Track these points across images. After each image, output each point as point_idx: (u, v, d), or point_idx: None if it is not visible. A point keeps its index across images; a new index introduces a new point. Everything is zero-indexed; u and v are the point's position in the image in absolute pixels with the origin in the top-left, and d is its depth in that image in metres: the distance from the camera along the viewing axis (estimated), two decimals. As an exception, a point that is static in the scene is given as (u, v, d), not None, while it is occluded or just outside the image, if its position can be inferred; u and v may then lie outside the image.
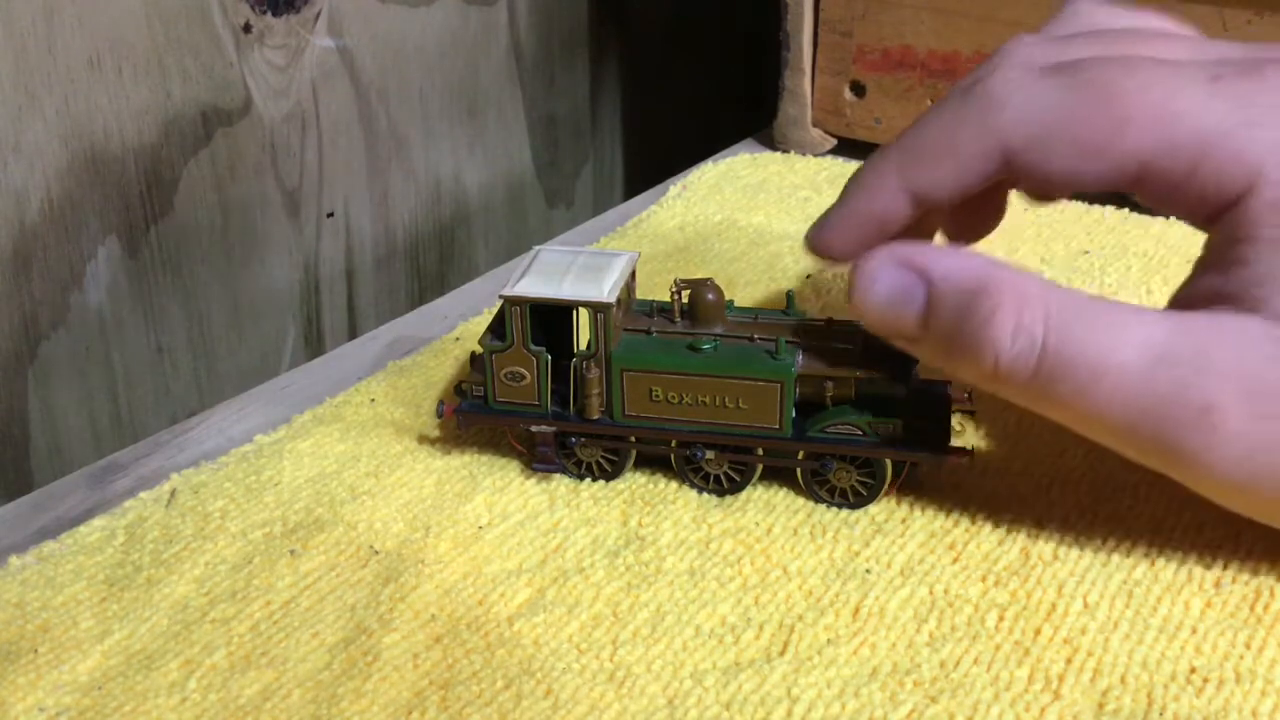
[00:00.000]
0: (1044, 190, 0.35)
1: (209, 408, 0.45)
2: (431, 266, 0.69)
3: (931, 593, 0.34)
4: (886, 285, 0.33)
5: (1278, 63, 0.32)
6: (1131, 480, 0.38)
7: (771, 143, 0.68)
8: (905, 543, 0.36)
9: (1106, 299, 0.32)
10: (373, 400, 0.44)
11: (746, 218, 0.59)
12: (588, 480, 0.39)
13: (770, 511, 0.38)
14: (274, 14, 0.55)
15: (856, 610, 0.34)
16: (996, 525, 0.37)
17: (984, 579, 0.35)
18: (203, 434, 0.43)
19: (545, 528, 0.37)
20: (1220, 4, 0.55)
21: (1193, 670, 0.31)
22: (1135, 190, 0.33)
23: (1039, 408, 0.32)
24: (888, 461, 0.37)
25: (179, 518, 0.38)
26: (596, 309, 0.37)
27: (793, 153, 0.67)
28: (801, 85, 0.66)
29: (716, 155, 0.67)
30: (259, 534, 0.37)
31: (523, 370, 0.38)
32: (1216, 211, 0.32)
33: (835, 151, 0.67)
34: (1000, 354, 0.31)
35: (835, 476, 0.37)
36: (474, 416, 0.39)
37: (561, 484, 0.39)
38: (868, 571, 0.35)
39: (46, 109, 0.48)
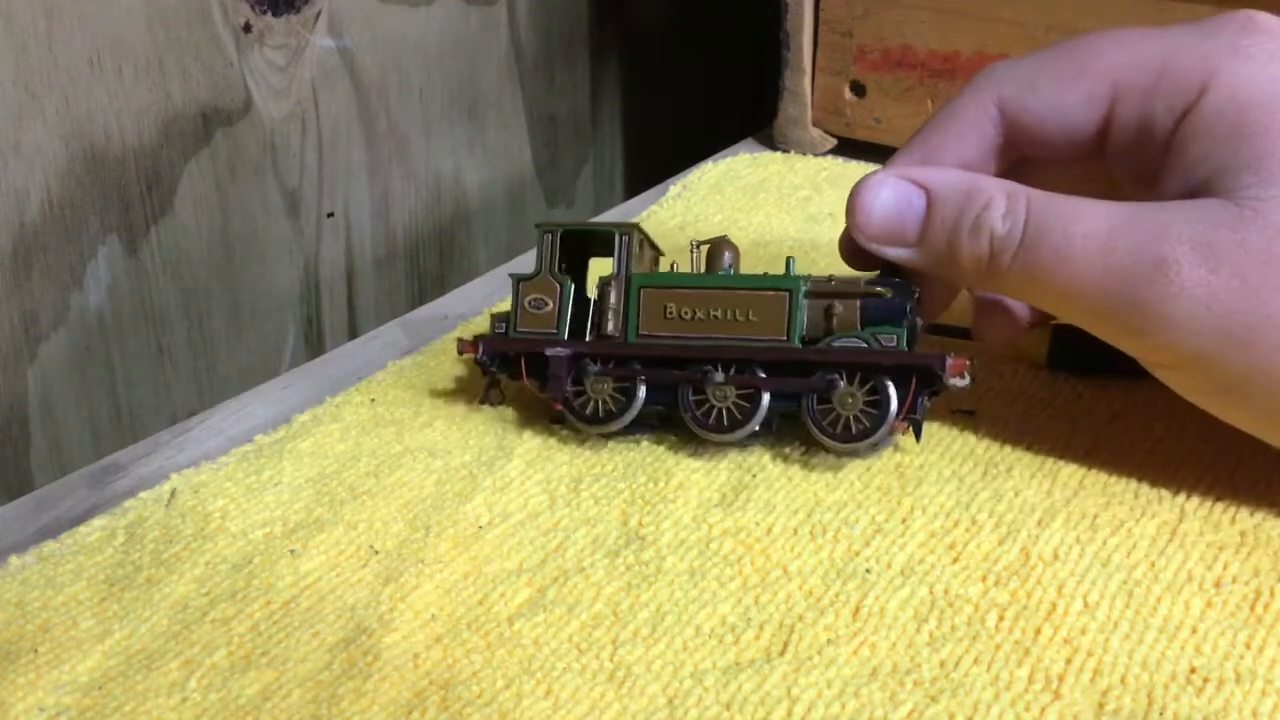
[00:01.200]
0: (1040, 143, 0.38)
1: (209, 408, 0.45)
2: (431, 266, 0.69)
3: (931, 593, 0.34)
4: (889, 194, 0.37)
5: (1220, 16, 0.36)
6: (1132, 480, 0.38)
7: (771, 143, 0.68)
8: (905, 543, 0.36)
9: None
10: (373, 400, 0.44)
11: (746, 218, 0.59)
12: (589, 480, 0.39)
13: (770, 511, 0.38)
14: (274, 14, 0.55)
15: (856, 610, 0.34)
16: (996, 525, 0.37)
17: (984, 579, 0.35)
18: (203, 434, 0.43)
19: (545, 527, 0.37)
20: (1220, 4, 0.54)
21: (1193, 670, 0.31)
22: (1114, 118, 0.37)
23: (1023, 289, 0.36)
24: (890, 386, 0.38)
25: (179, 518, 0.38)
26: (623, 231, 0.40)
27: (793, 153, 0.67)
28: (801, 85, 0.66)
29: (716, 155, 0.67)
30: (259, 534, 0.37)
31: (546, 297, 0.40)
32: (1179, 118, 0.35)
33: (835, 151, 0.67)
34: (995, 233, 0.35)
35: (840, 402, 0.38)
36: (495, 344, 0.41)
37: (561, 484, 0.39)
38: (868, 571, 0.35)
39: (46, 109, 0.48)
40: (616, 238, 0.40)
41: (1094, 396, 0.42)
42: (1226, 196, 0.33)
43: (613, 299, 0.40)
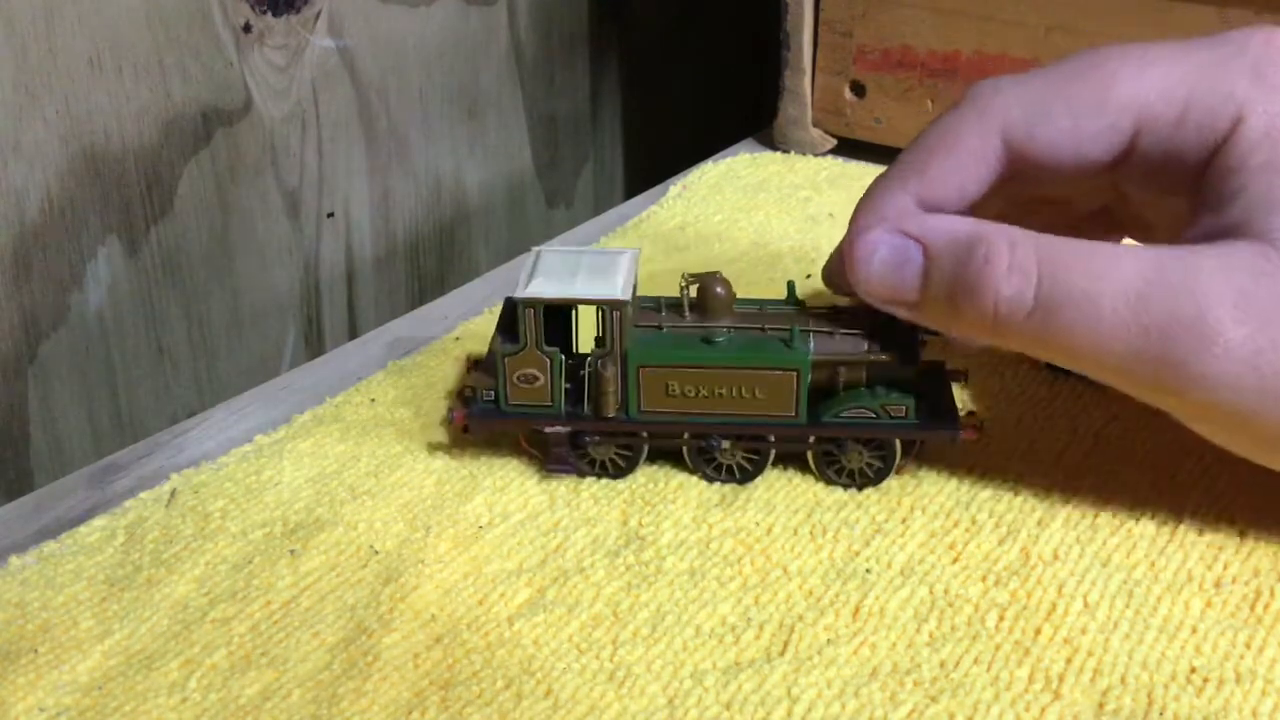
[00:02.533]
0: (1049, 171, 0.35)
1: (209, 408, 0.45)
2: (431, 266, 0.69)
3: (931, 593, 0.34)
4: (886, 252, 0.34)
5: (1236, 32, 0.34)
6: (1132, 481, 0.38)
7: (771, 143, 0.68)
8: (905, 543, 0.36)
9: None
10: (373, 400, 0.44)
11: (746, 218, 0.59)
12: (589, 480, 0.39)
13: (770, 511, 0.38)
14: (274, 14, 0.55)
15: (856, 610, 0.34)
16: (996, 525, 0.37)
17: (984, 579, 0.35)
18: (203, 434, 0.43)
19: (545, 528, 0.37)
20: (1221, 4, 0.55)
21: (1193, 670, 0.31)
22: (1135, 150, 0.34)
23: (1042, 348, 0.33)
24: (898, 441, 0.38)
25: (179, 518, 0.38)
26: (613, 307, 0.37)
27: (793, 153, 0.67)
28: (801, 85, 0.66)
29: (716, 155, 0.67)
30: (259, 534, 0.37)
31: (536, 372, 0.38)
32: (1209, 152, 0.33)
33: (835, 151, 0.67)
34: (999, 292, 0.32)
35: (847, 458, 0.38)
36: (486, 422, 0.39)
37: (562, 484, 0.39)
38: (868, 571, 0.35)
39: (46, 109, 0.48)
40: (606, 314, 0.37)
41: (1094, 397, 0.42)
42: (1264, 239, 0.31)
43: (610, 383, 0.37)
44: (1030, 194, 0.38)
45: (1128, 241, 0.40)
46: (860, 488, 0.38)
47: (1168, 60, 0.34)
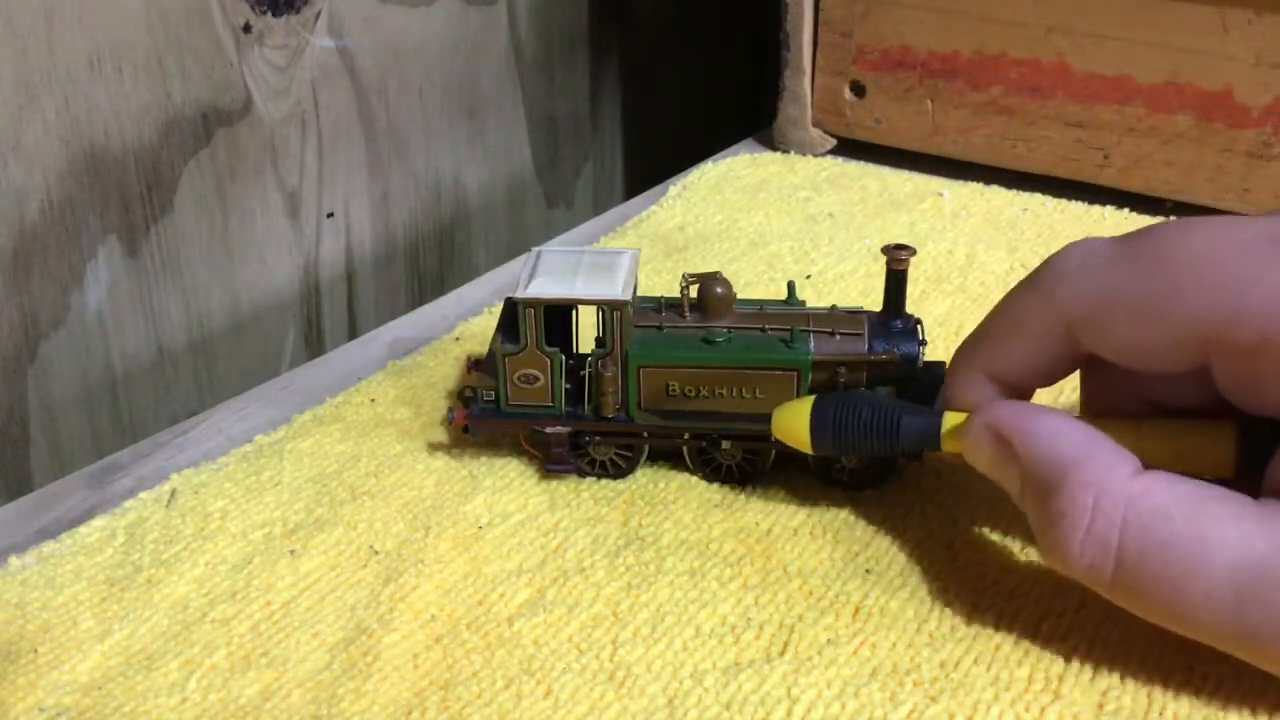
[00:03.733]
0: (1118, 363, 0.32)
1: (209, 408, 0.45)
2: (431, 266, 0.69)
3: (931, 593, 0.34)
4: (987, 451, 0.32)
5: None
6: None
7: (771, 143, 0.68)
8: (905, 543, 0.36)
9: (1200, 487, 0.29)
10: (373, 400, 0.44)
11: (746, 218, 0.59)
12: (589, 480, 0.39)
13: (770, 512, 0.38)
14: (274, 14, 0.55)
15: (856, 610, 0.34)
16: (996, 525, 0.37)
17: (984, 578, 0.35)
18: (203, 434, 0.43)
19: (545, 528, 0.37)
20: (1220, 4, 0.55)
21: (1192, 670, 0.31)
22: (1213, 370, 0.30)
23: (1132, 610, 0.30)
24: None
25: (179, 518, 0.38)
26: (613, 307, 0.37)
27: (793, 153, 0.67)
28: (801, 85, 0.66)
29: (716, 155, 0.67)
30: (259, 534, 0.37)
31: (536, 372, 0.38)
32: None
33: (835, 151, 0.67)
34: (1070, 559, 0.29)
35: (847, 459, 0.38)
36: (487, 422, 0.39)
37: (562, 484, 0.39)
38: (868, 571, 0.35)
39: (46, 109, 0.48)
40: (607, 314, 0.37)
41: (1094, 396, 0.42)
42: None
43: (611, 383, 0.37)
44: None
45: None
46: (860, 488, 0.38)
47: (1246, 275, 0.28)
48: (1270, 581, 0.27)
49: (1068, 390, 0.43)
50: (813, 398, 0.35)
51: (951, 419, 0.34)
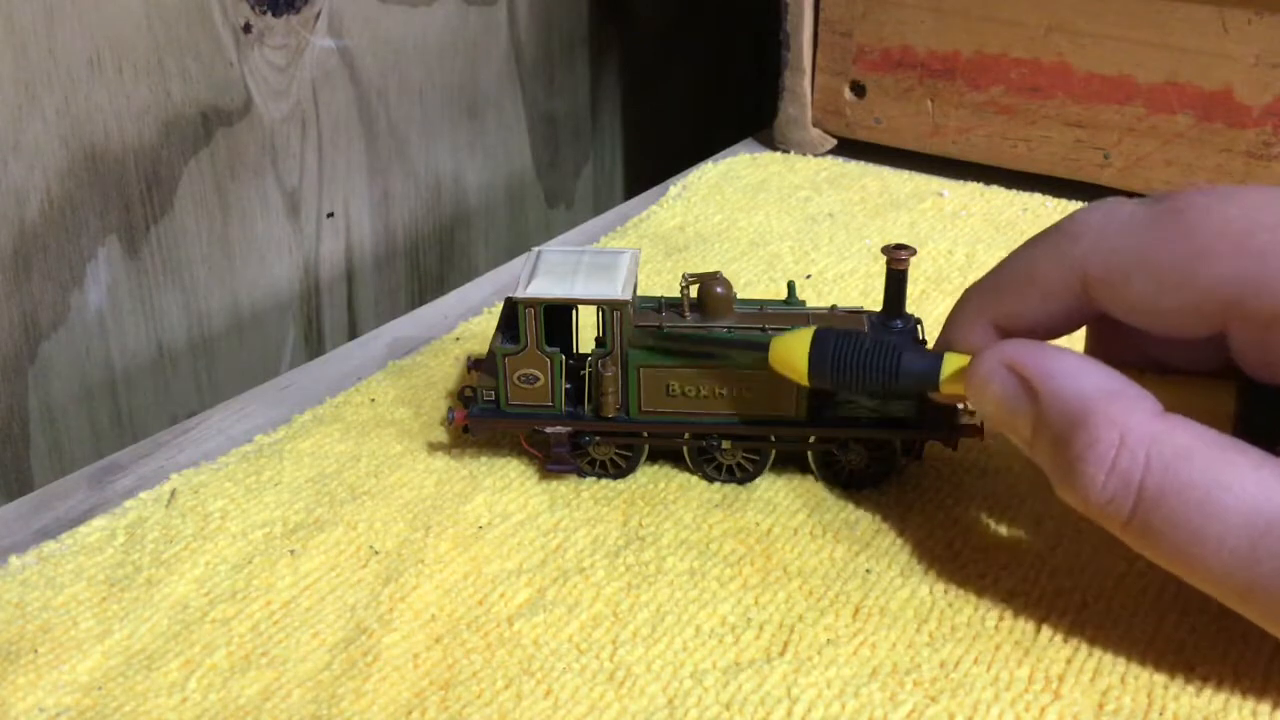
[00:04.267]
0: (1132, 323, 0.31)
1: (209, 408, 0.45)
2: (431, 266, 0.69)
3: (931, 593, 0.34)
4: (998, 389, 0.31)
5: None
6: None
7: (771, 143, 0.68)
8: (905, 543, 0.36)
9: (1222, 435, 0.29)
10: (373, 400, 0.44)
11: (746, 218, 0.59)
12: (590, 480, 0.39)
13: (771, 512, 0.38)
14: (274, 14, 0.55)
15: (856, 610, 0.34)
16: (996, 525, 0.37)
17: (984, 578, 0.35)
18: (203, 434, 0.43)
19: (545, 528, 0.37)
20: (1220, 4, 0.55)
21: (1193, 670, 0.31)
22: (1229, 337, 0.30)
23: (1147, 553, 0.30)
24: (898, 442, 0.38)
25: (179, 518, 0.38)
26: (613, 307, 0.37)
27: (793, 153, 0.67)
28: (801, 85, 0.66)
29: (716, 155, 0.67)
30: (259, 534, 0.37)
31: (536, 372, 0.38)
32: None
33: (835, 151, 0.67)
34: (1091, 494, 0.29)
35: (848, 458, 0.38)
36: (487, 422, 0.39)
37: (562, 484, 0.39)
38: (868, 571, 0.35)
39: (46, 109, 0.48)
40: (607, 314, 0.37)
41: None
42: None
43: (611, 383, 0.37)
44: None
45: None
46: (860, 488, 0.38)
47: (1270, 236, 0.28)
48: None
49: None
50: (813, 328, 0.35)
51: (953, 360, 0.33)
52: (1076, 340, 0.34)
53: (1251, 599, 0.28)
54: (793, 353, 0.35)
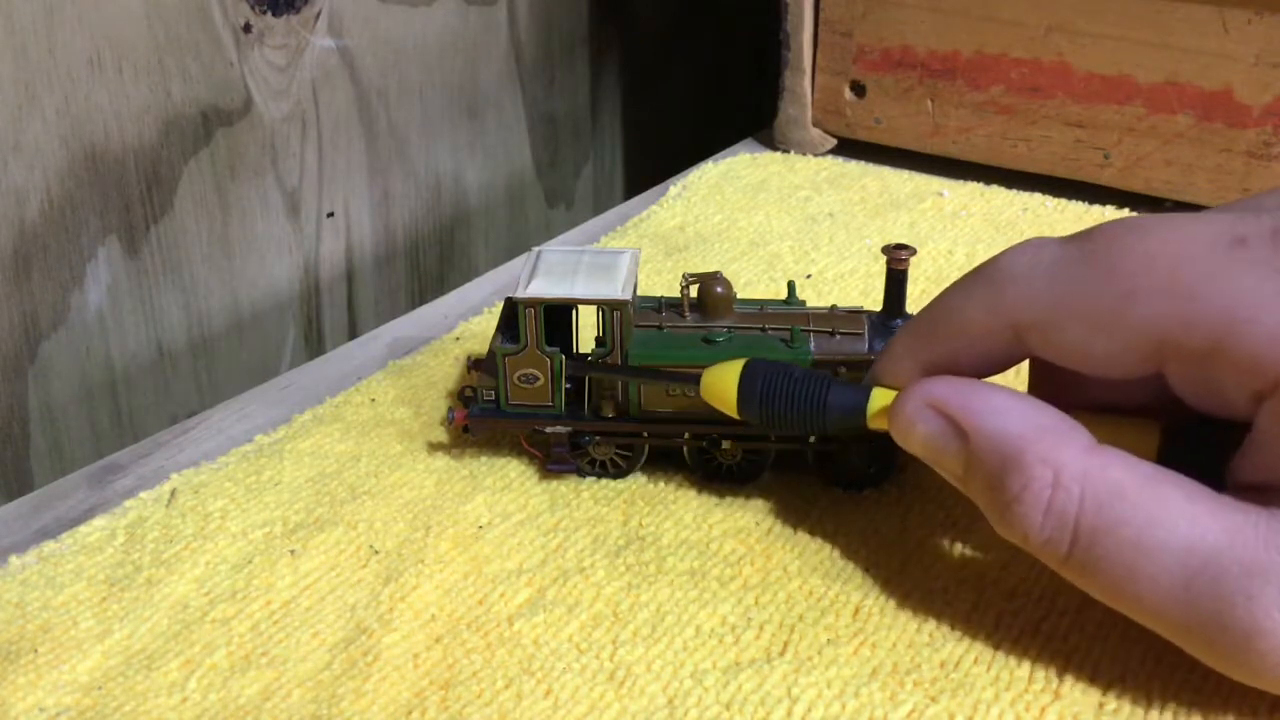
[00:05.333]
0: (1066, 365, 0.31)
1: (209, 408, 0.45)
2: (431, 266, 0.69)
3: (931, 593, 0.34)
4: (924, 430, 0.31)
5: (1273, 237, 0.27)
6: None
7: (771, 143, 0.68)
8: (905, 543, 0.36)
9: (1157, 469, 0.29)
10: (373, 400, 0.44)
11: (746, 218, 0.59)
12: (590, 480, 0.39)
13: (771, 512, 0.38)
14: (274, 14, 0.55)
15: (857, 610, 0.34)
16: (997, 525, 0.37)
17: (984, 578, 0.35)
18: (203, 434, 0.43)
19: (546, 528, 0.37)
20: (1220, 4, 0.55)
21: (1193, 670, 0.31)
22: (1167, 374, 0.29)
23: (1082, 588, 0.30)
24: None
25: (179, 518, 0.38)
26: (613, 307, 0.37)
27: (793, 153, 0.67)
28: (801, 85, 0.66)
29: (716, 155, 0.67)
30: (259, 534, 0.37)
31: (536, 372, 0.38)
32: (1255, 397, 0.28)
33: (835, 151, 0.67)
34: (1030, 535, 0.29)
35: (847, 459, 0.38)
36: (487, 421, 0.39)
37: (562, 484, 0.39)
38: (867, 571, 0.35)
39: (46, 109, 0.48)
40: (607, 314, 0.37)
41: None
42: None
43: (611, 383, 0.37)
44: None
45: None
46: (860, 488, 0.38)
47: (1201, 281, 0.27)
48: (1220, 569, 0.27)
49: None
50: (744, 360, 0.35)
51: (881, 396, 0.33)
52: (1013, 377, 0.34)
53: (1189, 635, 0.28)
54: (723, 385, 0.35)
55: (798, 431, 0.35)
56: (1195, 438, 0.30)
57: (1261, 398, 0.27)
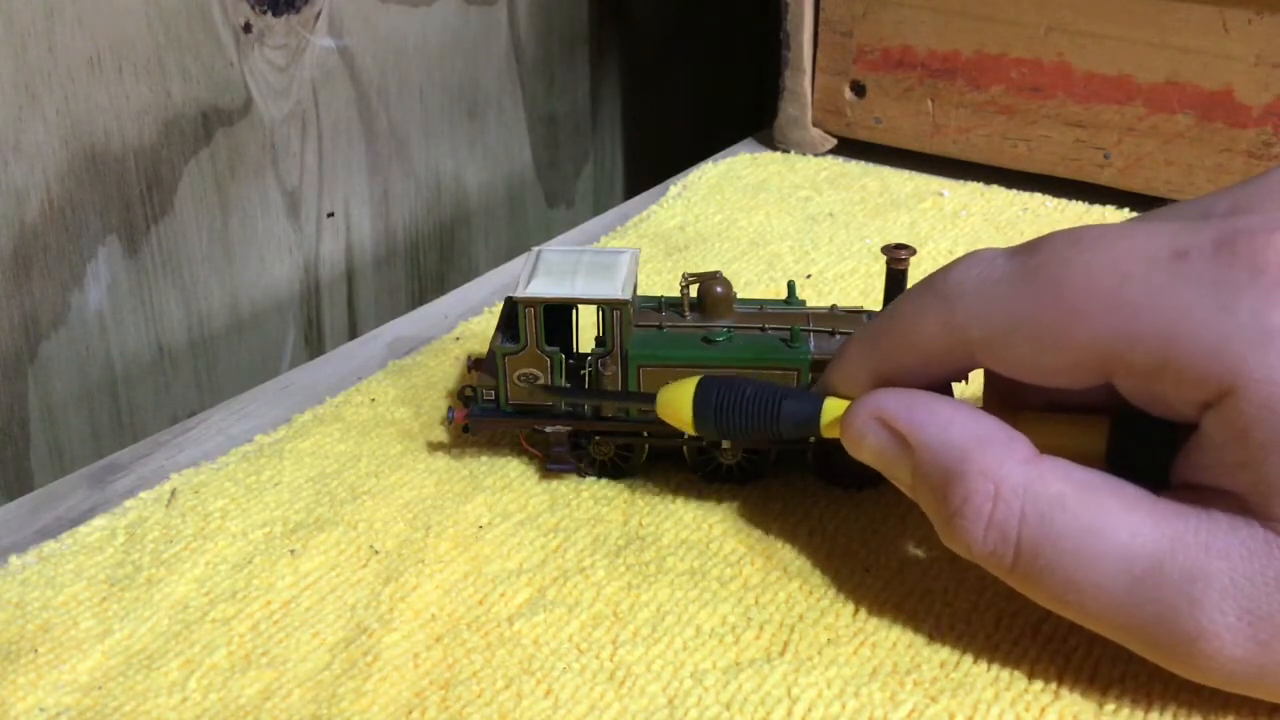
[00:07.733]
0: (1017, 381, 0.31)
1: (209, 407, 0.45)
2: (431, 266, 0.69)
3: (931, 593, 0.34)
4: (873, 442, 0.32)
5: (1253, 234, 0.27)
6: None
7: (771, 143, 0.68)
8: (905, 543, 0.36)
9: (1095, 475, 0.29)
10: (373, 400, 0.44)
11: (746, 218, 0.59)
12: (590, 480, 0.39)
13: (770, 512, 0.38)
14: (274, 14, 0.55)
15: (856, 610, 0.34)
16: (997, 525, 0.37)
17: (984, 578, 0.35)
18: (203, 434, 0.43)
19: (546, 527, 0.37)
20: (1220, 4, 0.55)
21: (1193, 670, 0.31)
22: (1115, 384, 0.29)
23: (1030, 596, 0.30)
24: None
25: (179, 518, 0.38)
26: (613, 306, 0.37)
27: (793, 153, 0.67)
28: (801, 85, 0.66)
29: (716, 155, 0.67)
30: (259, 534, 0.37)
31: (536, 371, 0.38)
32: (1201, 406, 0.28)
33: (835, 151, 0.67)
34: (974, 547, 0.30)
35: (846, 459, 0.38)
36: (487, 421, 0.39)
37: (563, 484, 0.39)
38: (867, 571, 0.35)
39: (46, 109, 0.48)
40: (607, 314, 0.37)
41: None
42: (1270, 526, 0.27)
43: (610, 382, 0.37)
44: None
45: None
46: (860, 488, 0.38)
47: (1144, 296, 0.28)
48: (1161, 575, 0.28)
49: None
50: (699, 377, 0.35)
51: (833, 406, 0.33)
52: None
53: (1135, 640, 0.29)
54: (678, 402, 0.35)
55: (755, 444, 0.36)
56: (1143, 434, 0.31)
57: (1207, 406, 0.28)
